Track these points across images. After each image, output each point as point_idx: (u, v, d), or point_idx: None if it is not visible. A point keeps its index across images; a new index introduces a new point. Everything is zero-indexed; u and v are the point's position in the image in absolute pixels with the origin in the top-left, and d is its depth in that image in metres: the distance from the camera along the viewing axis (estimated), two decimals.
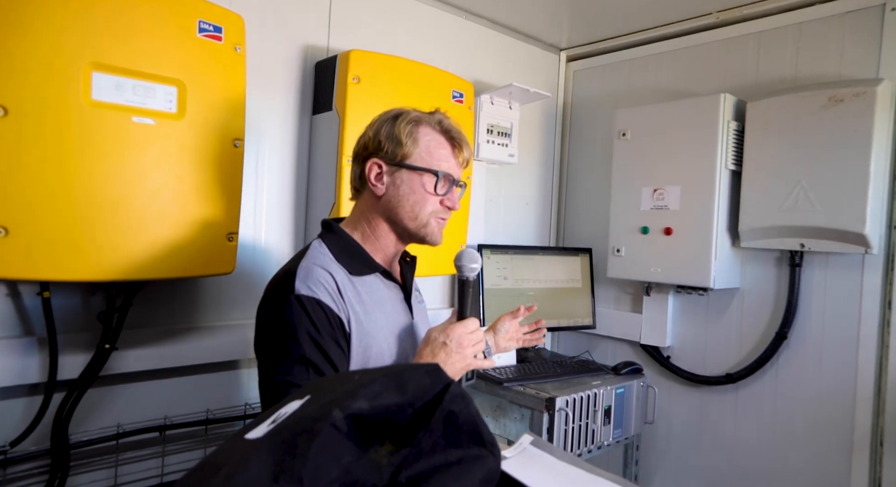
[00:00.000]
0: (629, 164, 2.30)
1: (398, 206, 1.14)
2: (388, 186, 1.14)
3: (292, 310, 1.03)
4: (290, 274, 1.08)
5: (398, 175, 1.13)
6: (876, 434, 1.86)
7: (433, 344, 1.09)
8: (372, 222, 1.17)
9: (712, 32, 2.31)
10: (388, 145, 1.13)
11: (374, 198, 1.16)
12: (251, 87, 1.76)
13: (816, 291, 2.00)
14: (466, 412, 0.65)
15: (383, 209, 1.16)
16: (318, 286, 1.06)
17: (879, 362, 1.87)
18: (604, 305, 2.60)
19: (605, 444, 2.00)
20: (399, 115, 1.17)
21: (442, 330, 1.11)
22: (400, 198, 1.13)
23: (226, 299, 1.77)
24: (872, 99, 1.75)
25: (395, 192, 1.14)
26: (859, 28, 1.91)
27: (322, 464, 0.56)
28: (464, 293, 1.14)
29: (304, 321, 1.03)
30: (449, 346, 1.08)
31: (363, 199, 1.19)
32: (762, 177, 1.99)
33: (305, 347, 1.02)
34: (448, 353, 1.08)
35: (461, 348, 1.08)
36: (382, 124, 1.16)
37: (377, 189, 1.14)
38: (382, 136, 1.14)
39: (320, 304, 1.05)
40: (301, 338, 1.02)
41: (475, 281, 1.13)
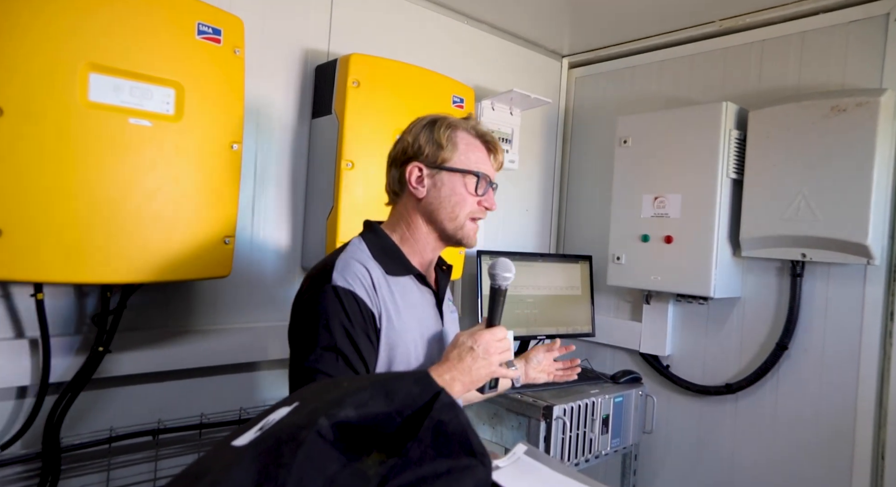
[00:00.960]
0: (630, 172, 2.29)
1: (439, 208, 1.17)
2: (429, 189, 1.17)
3: (328, 300, 1.06)
4: (328, 267, 1.11)
5: (438, 177, 1.17)
6: (877, 447, 1.84)
7: (461, 348, 1.11)
8: (412, 225, 1.20)
9: (715, 40, 2.30)
10: (428, 149, 1.16)
11: (415, 200, 1.18)
12: (251, 90, 1.77)
13: (818, 302, 1.99)
14: (456, 421, 0.63)
15: (424, 211, 1.19)
16: (354, 279, 1.09)
17: (881, 374, 1.85)
18: (603, 313, 2.58)
19: (602, 453, 1.98)
20: (437, 120, 1.20)
21: (471, 334, 1.12)
22: (441, 199, 1.17)
23: (222, 303, 1.76)
24: (875, 109, 1.74)
25: (437, 194, 1.17)
26: (863, 37, 1.91)
27: (306, 474, 0.55)
28: (495, 301, 1.16)
29: (339, 311, 1.05)
30: (476, 351, 1.09)
31: (402, 203, 1.21)
32: (763, 186, 1.98)
33: (337, 337, 1.04)
34: (475, 358, 1.09)
35: (488, 354, 1.10)
36: (421, 129, 1.19)
37: (418, 192, 1.17)
38: (422, 141, 1.17)
39: (355, 297, 1.07)
40: (334, 328, 1.04)
41: (506, 290, 1.16)
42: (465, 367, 1.08)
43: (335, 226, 1.75)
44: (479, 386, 1.13)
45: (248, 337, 1.79)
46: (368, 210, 1.78)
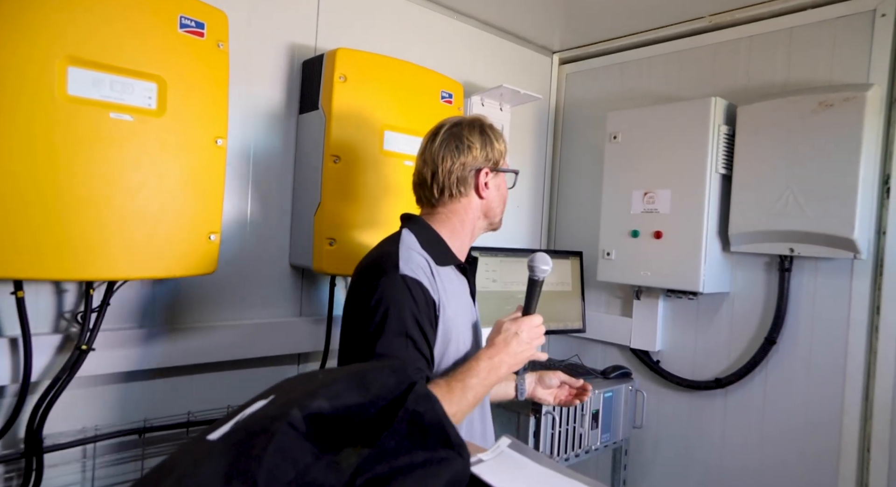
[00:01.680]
0: (620, 167, 2.29)
1: (497, 204, 1.32)
2: (493, 189, 1.30)
3: (397, 289, 1.12)
4: (393, 256, 1.16)
5: (497, 179, 1.31)
6: (863, 439, 1.85)
7: (506, 334, 1.20)
8: (467, 221, 1.29)
9: (704, 36, 2.31)
10: (493, 155, 1.28)
11: (478, 200, 1.29)
12: (236, 86, 1.75)
13: (806, 296, 1.99)
14: (432, 412, 0.63)
15: (485, 209, 1.31)
16: (418, 269, 1.16)
17: (868, 368, 1.85)
18: (594, 309, 2.58)
19: (592, 449, 1.98)
20: (482, 126, 1.30)
21: (513, 321, 1.23)
22: (496, 197, 1.31)
23: (208, 300, 1.75)
24: (862, 104, 1.74)
25: (496, 193, 1.31)
26: (850, 33, 1.91)
27: (277, 466, 0.54)
28: (532, 291, 1.26)
29: (409, 300, 1.11)
30: (521, 336, 1.20)
31: (462, 203, 1.29)
32: (752, 182, 1.99)
33: (409, 324, 1.10)
34: (519, 343, 1.20)
35: (530, 339, 1.22)
36: (480, 136, 1.28)
37: (486, 194, 1.29)
38: (488, 149, 1.28)
39: (421, 286, 1.14)
40: (405, 315, 1.10)
41: (542, 281, 1.27)
42: (512, 351, 1.19)
43: (322, 222, 1.74)
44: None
45: (236, 335, 1.78)
46: (355, 206, 1.77)
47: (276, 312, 1.91)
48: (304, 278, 1.97)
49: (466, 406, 1.16)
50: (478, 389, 1.17)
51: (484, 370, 1.18)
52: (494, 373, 1.18)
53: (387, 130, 1.82)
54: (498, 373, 1.19)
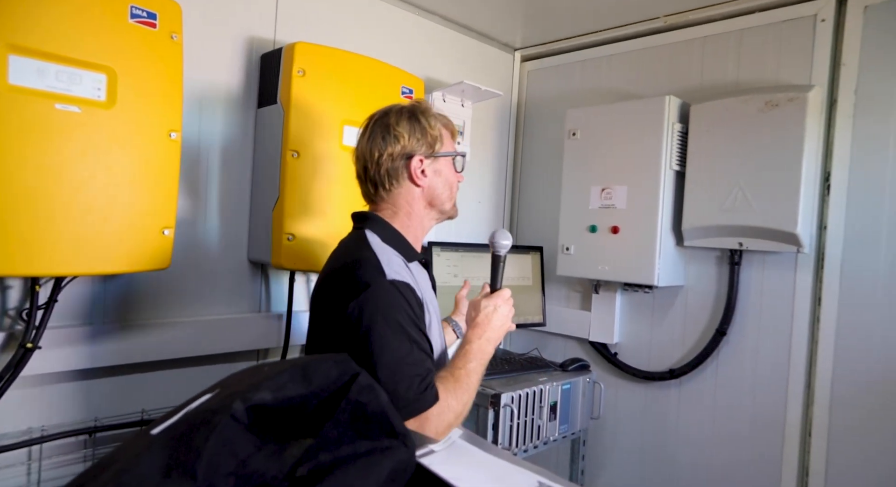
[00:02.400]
0: (579, 164, 2.33)
1: (441, 192, 1.28)
2: (431, 177, 1.26)
3: (390, 296, 1.10)
4: (373, 262, 1.14)
5: (436, 165, 1.27)
6: (805, 424, 1.94)
7: (486, 310, 1.25)
8: (413, 213, 1.27)
9: (660, 36, 2.36)
10: (424, 141, 1.25)
11: (417, 190, 1.27)
12: (192, 79, 1.72)
13: (754, 289, 2.07)
14: (376, 402, 0.64)
15: (428, 197, 1.28)
16: (402, 270, 1.16)
17: (810, 356, 1.94)
18: (554, 303, 2.63)
19: (551, 440, 2.02)
20: (414, 112, 1.27)
21: (488, 298, 1.28)
22: (442, 184, 1.28)
23: (163, 296, 1.72)
24: (804, 104, 1.82)
25: (438, 180, 1.27)
26: (794, 37, 1.99)
27: (218, 457, 0.54)
28: (496, 267, 1.31)
29: (403, 304, 1.11)
30: (499, 311, 1.26)
31: (400, 194, 1.27)
32: (704, 178, 2.05)
33: (409, 327, 1.10)
34: (500, 317, 1.26)
35: (508, 312, 1.28)
36: (409, 123, 1.25)
37: (422, 181, 1.26)
38: (418, 134, 1.25)
39: (410, 288, 1.14)
40: (403, 320, 1.10)
41: (505, 256, 1.33)
42: (495, 325, 1.25)
43: (281, 217, 1.73)
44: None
45: (192, 331, 1.75)
46: (314, 200, 1.76)
47: (234, 308, 1.89)
48: (262, 273, 1.96)
49: (473, 390, 1.20)
50: (479, 371, 1.22)
51: (477, 351, 1.22)
52: (485, 352, 1.24)
53: (346, 125, 1.82)
54: (487, 350, 1.24)
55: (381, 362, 1.07)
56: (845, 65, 1.88)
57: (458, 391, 1.15)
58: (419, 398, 1.06)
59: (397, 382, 1.06)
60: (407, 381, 1.07)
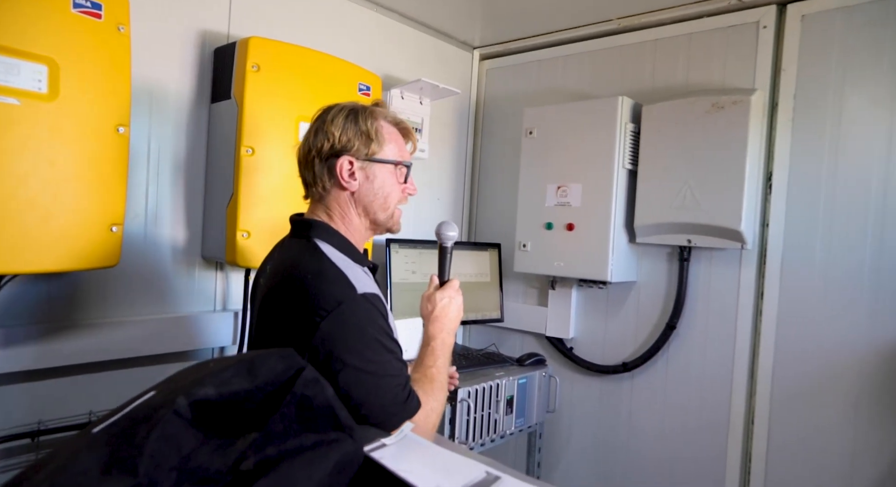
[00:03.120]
0: (535, 162, 2.38)
1: (373, 199, 1.19)
2: (362, 181, 1.18)
3: (364, 309, 1.07)
4: (339, 276, 1.09)
5: (370, 169, 1.19)
6: (749, 413, 2.03)
7: (442, 303, 1.25)
8: (346, 217, 1.21)
9: (614, 38, 2.42)
10: (357, 142, 1.17)
11: (347, 193, 1.19)
12: (143, 73, 1.69)
13: (702, 284, 2.15)
14: (322, 396, 0.65)
15: (357, 203, 1.20)
16: (367, 281, 1.13)
17: (753, 348, 2.03)
18: (512, 299, 2.67)
19: (507, 433, 2.06)
20: (357, 111, 1.20)
21: (440, 292, 1.28)
22: (375, 191, 1.19)
23: (113, 295, 1.68)
24: (747, 107, 1.90)
25: (370, 186, 1.19)
26: (738, 42, 2.07)
27: (160, 453, 0.54)
28: (444, 258, 1.32)
29: (378, 316, 1.09)
30: (454, 302, 1.27)
31: (332, 196, 1.20)
32: (655, 177, 2.12)
33: (385, 339, 1.09)
34: (455, 308, 1.27)
35: (460, 303, 1.29)
36: (344, 121, 1.18)
37: (350, 185, 1.18)
38: (350, 134, 1.17)
39: (380, 298, 1.12)
40: (379, 333, 1.08)
41: (452, 247, 1.34)
42: (451, 318, 1.25)
43: (235, 214, 1.71)
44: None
45: (144, 330, 1.71)
46: (269, 197, 1.75)
47: (188, 306, 1.86)
48: (218, 271, 1.93)
49: (446, 387, 1.21)
50: (446, 365, 1.24)
51: (441, 346, 1.23)
52: (448, 345, 1.24)
53: (302, 121, 1.80)
54: (450, 343, 1.26)
55: (362, 379, 1.05)
56: (785, 70, 1.97)
57: (435, 391, 1.17)
58: (404, 408, 1.06)
59: (381, 396, 1.06)
60: (391, 394, 1.06)
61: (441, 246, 1.33)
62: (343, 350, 1.04)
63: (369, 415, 1.04)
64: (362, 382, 1.05)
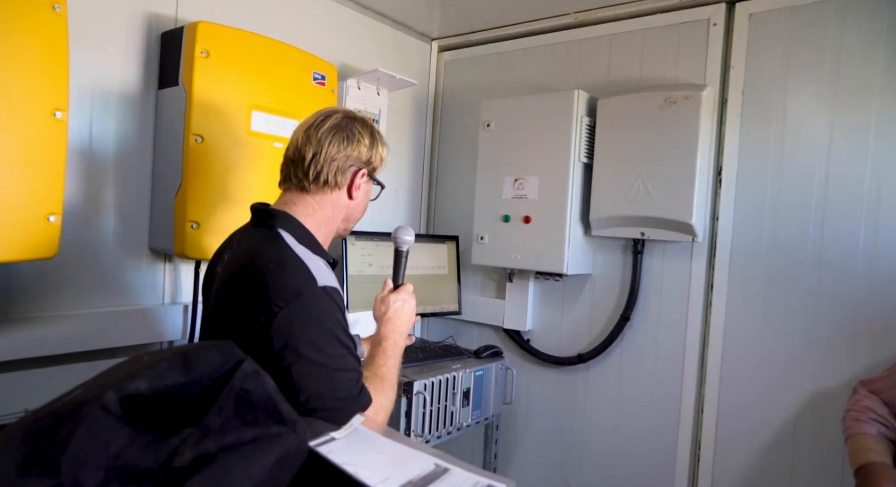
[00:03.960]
0: (493, 154, 2.38)
1: (356, 211, 1.29)
2: (360, 195, 1.27)
3: (323, 302, 1.08)
4: (301, 267, 1.09)
5: (367, 186, 1.29)
6: (699, 401, 2.09)
7: (395, 306, 1.31)
8: (331, 221, 1.25)
9: (571, 32, 2.44)
10: (374, 161, 1.27)
11: (345, 201, 1.25)
12: (84, 57, 1.61)
13: (655, 276, 2.20)
14: (262, 389, 0.63)
15: (349, 212, 1.28)
16: (329, 274, 1.14)
17: (703, 338, 2.09)
18: (470, 291, 2.67)
19: (464, 425, 2.06)
20: (374, 133, 1.27)
21: (394, 294, 1.33)
22: (360, 204, 1.28)
23: (52, 287, 1.60)
24: (698, 102, 1.94)
25: (362, 199, 1.28)
26: (690, 38, 2.12)
27: (85, 450, 0.52)
28: (399, 262, 1.36)
29: (335, 310, 1.10)
30: (406, 306, 1.33)
31: (328, 197, 1.23)
32: (610, 170, 2.15)
33: (340, 333, 1.09)
34: (408, 311, 1.32)
35: (413, 306, 1.35)
36: (370, 140, 1.25)
37: (355, 195, 1.25)
38: (373, 153, 1.26)
39: (339, 292, 1.13)
40: (335, 327, 1.08)
41: (407, 252, 1.38)
42: (405, 320, 1.31)
43: (184, 204, 1.65)
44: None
45: (85, 324, 1.64)
46: (219, 187, 1.70)
47: (134, 299, 1.79)
48: (166, 263, 1.86)
49: (396, 384, 1.23)
50: (397, 365, 1.27)
51: (394, 346, 1.27)
52: (400, 346, 1.29)
53: (254, 110, 1.76)
54: (402, 344, 1.30)
55: (316, 372, 1.05)
56: (734, 67, 2.03)
57: (385, 389, 1.18)
58: (356, 402, 1.08)
59: (335, 389, 1.07)
60: (344, 387, 1.07)
61: (397, 251, 1.37)
62: (300, 341, 1.05)
63: (321, 408, 1.05)
64: (316, 375, 1.05)
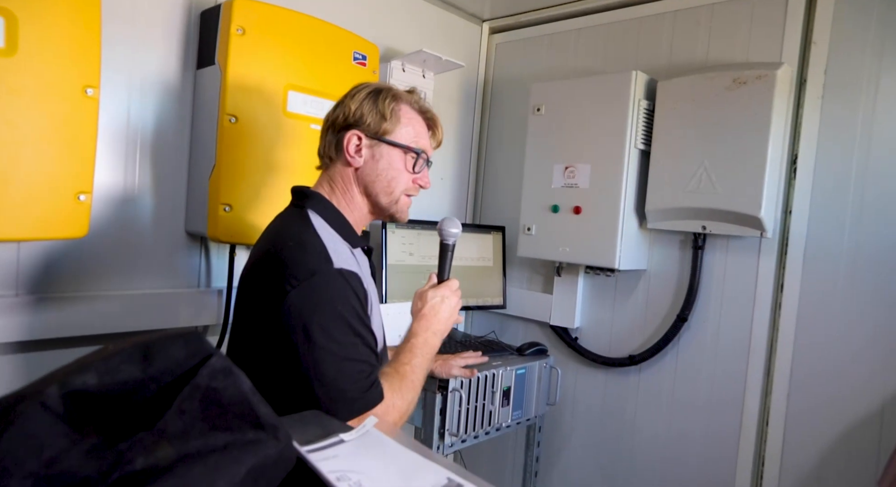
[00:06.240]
0: (542, 140, 2.24)
1: (375, 180, 1.17)
2: (367, 159, 1.17)
3: (337, 285, 1.03)
4: (318, 247, 1.06)
5: (378, 149, 1.17)
6: (763, 414, 1.90)
7: (433, 302, 1.20)
8: (347, 192, 1.19)
9: (631, 9, 2.26)
10: (370, 118, 1.16)
11: (351, 169, 1.18)
12: (124, 37, 1.61)
13: (717, 274, 2.01)
14: (234, 389, 0.54)
15: (359, 181, 1.18)
16: (350, 259, 1.09)
17: (770, 344, 1.89)
18: (516, 285, 2.55)
19: (504, 426, 1.95)
20: (381, 90, 1.19)
21: (435, 289, 1.23)
22: (379, 172, 1.17)
23: (84, 267, 1.60)
24: (772, 82, 1.74)
25: (374, 166, 1.16)
26: (765, 12, 1.90)
27: (13, 455, 0.44)
28: (444, 256, 1.26)
29: (351, 295, 1.04)
30: (446, 303, 1.21)
31: (337, 170, 1.20)
32: (669, 158, 1.97)
33: (354, 321, 1.03)
34: (447, 309, 1.21)
35: (455, 304, 1.23)
36: (365, 97, 1.17)
37: (354, 161, 1.17)
38: (365, 109, 1.16)
39: (358, 278, 1.07)
40: (348, 314, 1.03)
41: (454, 245, 1.27)
42: (442, 318, 1.20)
43: (217, 186, 1.61)
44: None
45: (120, 305, 1.63)
46: (254, 169, 1.65)
47: (170, 282, 1.78)
48: (202, 246, 1.84)
49: (419, 387, 1.14)
50: (424, 366, 1.16)
51: (422, 345, 1.17)
52: (431, 345, 1.18)
53: (291, 90, 1.70)
54: (434, 344, 1.19)
55: (324, 358, 1.00)
56: (816, 43, 1.81)
57: (403, 389, 1.09)
58: (363, 396, 1.01)
59: (341, 379, 1.00)
60: (352, 379, 1.01)
61: (442, 244, 1.27)
62: (309, 323, 1.00)
63: (325, 397, 0.99)
64: (323, 360, 1.00)
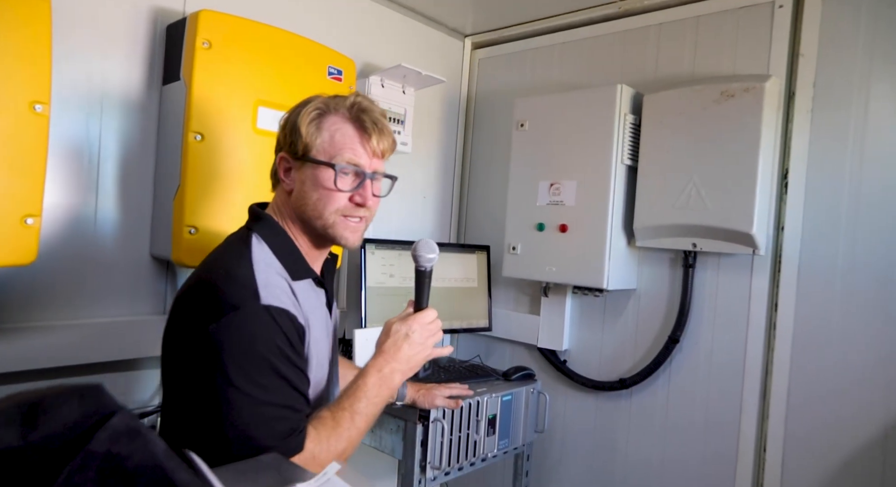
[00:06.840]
0: (527, 157, 2.18)
1: (304, 204, 1.06)
2: (296, 182, 1.06)
3: (261, 323, 0.93)
4: (248, 280, 0.96)
5: (303, 170, 1.05)
6: (760, 439, 1.81)
7: (395, 336, 1.08)
8: (288, 219, 1.10)
9: (615, 23, 2.22)
10: (291, 137, 1.06)
11: (286, 193, 1.09)
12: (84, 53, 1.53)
13: (708, 293, 1.94)
14: (143, 453, 0.45)
15: (293, 206, 1.08)
16: (282, 294, 0.98)
17: (765, 366, 1.82)
18: (502, 306, 2.46)
19: (490, 456, 1.85)
20: (309, 101, 1.08)
21: (402, 321, 1.10)
22: (305, 194, 1.05)
23: (38, 296, 1.49)
24: (761, 94, 1.69)
25: (302, 189, 1.05)
26: (751, 24, 1.86)
27: None
28: (421, 283, 1.13)
29: (278, 334, 0.95)
30: (412, 337, 1.08)
31: (279, 194, 1.12)
32: (657, 173, 1.91)
33: (280, 362, 0.94)
34: (411, 345, 1.08)
35: (424, 339, 1.10)
36: (289, 114, 1.09)
37: (285, 184, 1.08)
38: (288, 128, 1.07)
39: (289, 315, 0.97)
40: (273, 354, 0.93)
41: (431, 271, 1.13)
42: (403, 356, 1.07)
43: (182, 207, 1.52)
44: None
45: (76, 335, 1.53)
46: (221, 189, 1.56)
47: (134, 309, 1.67)
48: (168, 271, 1.74)
49: (358, 435, 1.01)
50: (370, 411, 1.02)
51: (374, 387, 1.03)
52: (386, 387, 1.05)
53: (261, 106, 1.62)
54: (390, 385, 1.06)
55: (239, 400, 0.90)
56: (803, 55, 1.77)
57: (331, 438, 0.97)
58: (280, 444, 0.90)
59: (251, 425, 0.90)
60: (264, 425, 0.90)
61: (417, 270, 1.13)
62: (228, 362, 0.90)
63: (236, 441, 0.89)
64: (238, 402, 0.90)
